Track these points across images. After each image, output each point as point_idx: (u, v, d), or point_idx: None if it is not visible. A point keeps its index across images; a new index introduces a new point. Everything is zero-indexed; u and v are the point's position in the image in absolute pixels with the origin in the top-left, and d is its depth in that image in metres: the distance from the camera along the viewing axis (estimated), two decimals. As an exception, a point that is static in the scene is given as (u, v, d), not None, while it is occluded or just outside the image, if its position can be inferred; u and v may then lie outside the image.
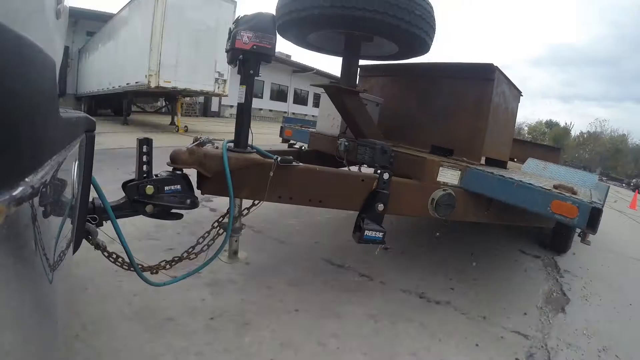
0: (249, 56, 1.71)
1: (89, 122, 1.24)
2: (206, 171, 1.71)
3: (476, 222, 2.30)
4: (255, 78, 1.77)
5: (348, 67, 2.24)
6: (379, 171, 1.97)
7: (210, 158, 1.70)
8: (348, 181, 1.95)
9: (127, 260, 1.57)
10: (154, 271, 1.69)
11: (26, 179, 0.48)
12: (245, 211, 1.96)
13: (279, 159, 1.74)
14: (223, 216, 1.92)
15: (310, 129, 3.11)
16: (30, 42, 0.50)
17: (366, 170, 2.50)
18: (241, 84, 1.77)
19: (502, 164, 2.60)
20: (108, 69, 11.53)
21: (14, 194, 0.43)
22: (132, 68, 9.42)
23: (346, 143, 2.50)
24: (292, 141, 3.26)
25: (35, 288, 0.56)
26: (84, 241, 1.38)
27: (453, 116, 2.50)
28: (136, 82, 9.21)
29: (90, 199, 1.45)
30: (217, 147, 1.78)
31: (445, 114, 2.56)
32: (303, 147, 2.83)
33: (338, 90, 2.23)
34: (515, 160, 3.98)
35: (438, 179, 2.16)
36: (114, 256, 1.58)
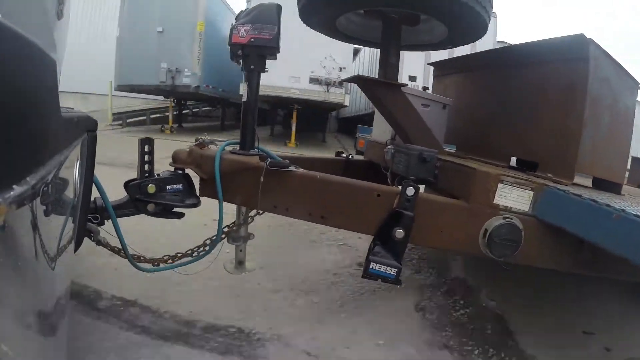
0: (248, 51, 1.59)
1: (90, 122, 1.31)
2: (202, 172, 1.64)
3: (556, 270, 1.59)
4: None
5: (386, 56, 1.87)
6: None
7: (205, 159, 1.63)
8: (358, 195, 1.57)
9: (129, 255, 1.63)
10: (156, 264, 1.70)
11: (27, 178, 0.48)
12: (250, 219, 1.81)
13: (269, 162, 1.55)
14: (232, 223, 1.82)
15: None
16: (30, 42, 0.51)
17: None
18: (244, 81, 1.66)
19: (614, 187, 1.75)
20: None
21: (14, 192, 0.43)
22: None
23: (392, 151, 2.11)
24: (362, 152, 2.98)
25: (35, 286, 0.57)
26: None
27: (534, 117, 1.82)
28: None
29: (92, 199, 1.55)
30: None
31: (524, 114, 1.88)
32: (351, 156, 2.53)
33: (372, 84, 1.89)
34: None
35: (496, 201, 1.58)
36: (116, 249, 1.65)
